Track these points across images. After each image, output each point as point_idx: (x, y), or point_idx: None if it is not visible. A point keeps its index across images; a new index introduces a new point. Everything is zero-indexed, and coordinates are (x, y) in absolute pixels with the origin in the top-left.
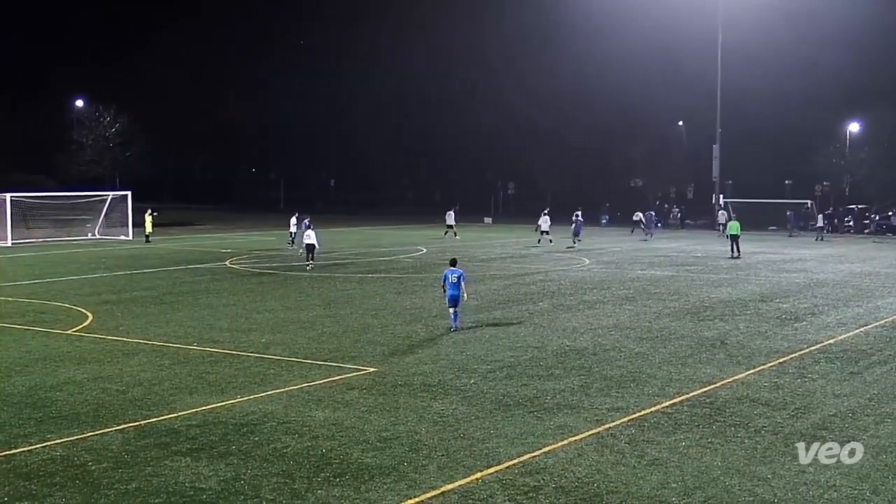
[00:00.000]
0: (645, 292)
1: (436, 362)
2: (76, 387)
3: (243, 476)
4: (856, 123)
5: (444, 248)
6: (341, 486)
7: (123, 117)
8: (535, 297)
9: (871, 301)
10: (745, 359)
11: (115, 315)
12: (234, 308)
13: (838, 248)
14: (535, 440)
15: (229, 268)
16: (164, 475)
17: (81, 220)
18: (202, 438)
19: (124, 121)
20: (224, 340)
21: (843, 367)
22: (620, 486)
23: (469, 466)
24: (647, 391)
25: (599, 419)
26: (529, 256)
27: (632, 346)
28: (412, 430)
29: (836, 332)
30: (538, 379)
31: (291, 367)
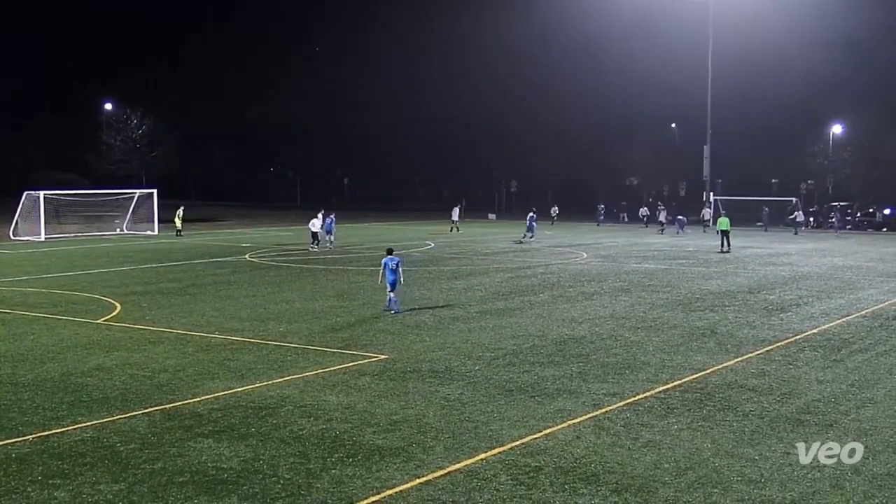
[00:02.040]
0: (640, 284)
1: (443, 350)
2: (105, 373)
3: (262, 456)
4: (838, 125)
5: (452, 243)
6: (354, 466)
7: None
8: (536, 289)
9: (852, 293)
10: (733, 347)
11: (141, 305)
12: (254, 299)
13: (822, 243)
14: (536, 423)
15: (249, 261)
16: (187, 455)
17: (110, 217)
18: (223, 421)
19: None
20: (244, 329)
21: (827, 355)
22: (616, 467)
23: (474, 448)
24: (641, 377)
25: (597, 403)
26: (531, 250)
27: (627, 335)
28: (420, 414)
29: (819, 322)
30: (539, 366)
31: (307, 354)
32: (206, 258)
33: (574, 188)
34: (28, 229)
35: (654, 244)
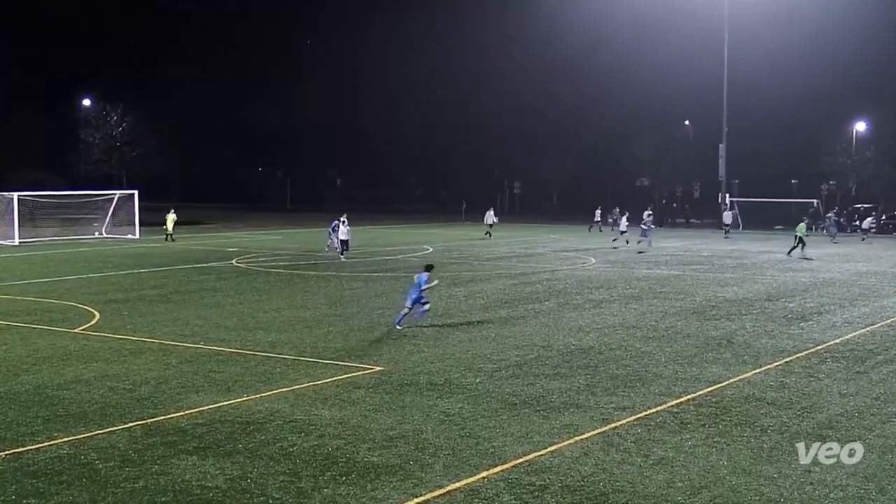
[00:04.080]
0: (651, 291)
1: (442, 361)
2: (83, 385)
3: (250, 475)
4: (862, 123)
5: (451, 247)
6: (347, 485)
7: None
8: (541, 297)
9: (877, 300)
10: (751, 358)
11: (122, 314)
12: (241, 307)
13: (844, 248)
14: (541, 439)
15: (236, 266)
16: (170, 474)
17: (89, 219)
18: (209, 437)
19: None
20: (231, 339)
21: (850, 367)
22: (626, 486)
23: (475, 465)
24: (653, 390)
25: (605, 418)
26: (535, 255)
27: (638, 345)
28: (418, 429)
29: (842, 331)
30: (544, 378)
31: (298, 365)
32: (191, 263)
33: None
34: (1, 233)
35: (666, 249)
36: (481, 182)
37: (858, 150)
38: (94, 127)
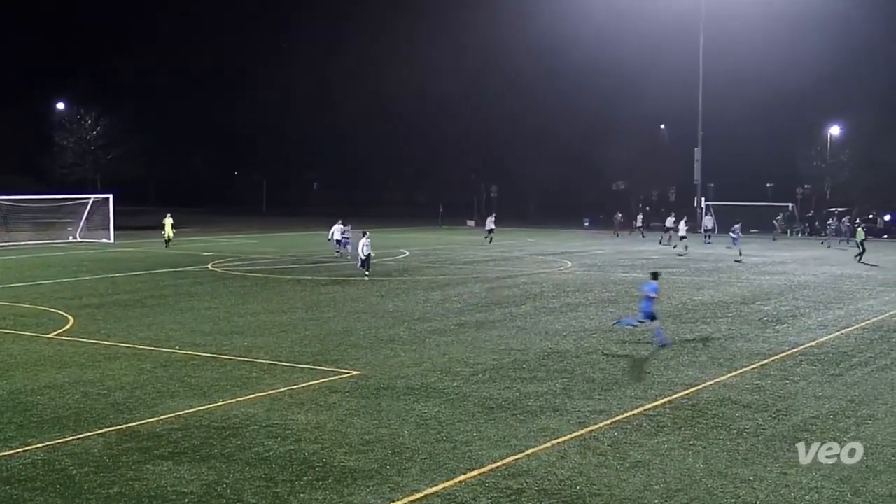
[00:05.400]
0: (627, 295)
1: (419, 365)
2: (57, 391)
3: (225, 480)
4: (836, 126)
5: (428, 251)
6: (324, 490)
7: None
8: (518, 300)
9: (851, 303)
10: (726, 361)
11: (96, 318)
12: (217, 311)
13: (819, 251)
14: (518, 443)
15: (212, 271)
16: (145, 479)
17: (63, 223)
18: (184, 442)
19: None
20: (206, 344)
21: (825, 370)
22: (603, 489)
23: (452, 469)
24: (629, 394)
25: (582, 422)
26: (512, 259)
27: (614, 348)
28: (395, 433)
29: (817, 334)
30: (521, 382)
31: (274, 370)
32: (166, 268)
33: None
34: None
35: (643, 252)
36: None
37: (833, 154)
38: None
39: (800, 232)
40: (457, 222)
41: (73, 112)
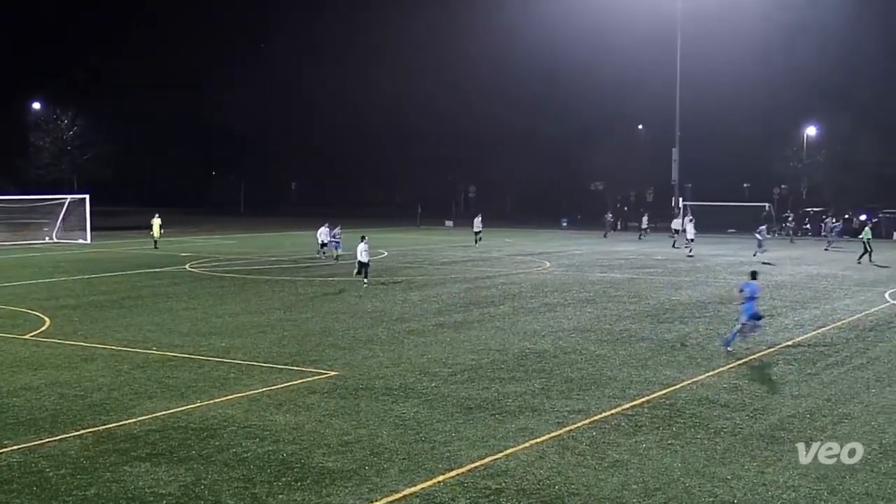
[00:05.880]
0: (605, 295)
1: (397, 365)
2: (33, 392)
3: (203, 481)
4: (813, 127)
5: (406, 251)
6: (302, 491)
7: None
8: (497, 300)
9: (828, 303)
10: (704, 360)
11: (73, 319)
12: (194, 312)
13: (796, 251)
14: (497, 443)
15: (189, 271)
16: (123, 481)
17: (38, 224)
18: (162, 444)
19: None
20: (184, 345)
21: (801, 369)
22: (581, 488)
23: (430, 469)
24: (607, 393)
25: (560, 421)
26: (490, 260)
27: (592, 348)
28: (374, 434)
29: (793, 333)
30: (499, 382)
31: (252, 371)
32: (143, 268)
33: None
34: None
35: (620, 253)
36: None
37: (809, 155)
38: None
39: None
40: (435, 223)
41: (49, 112)
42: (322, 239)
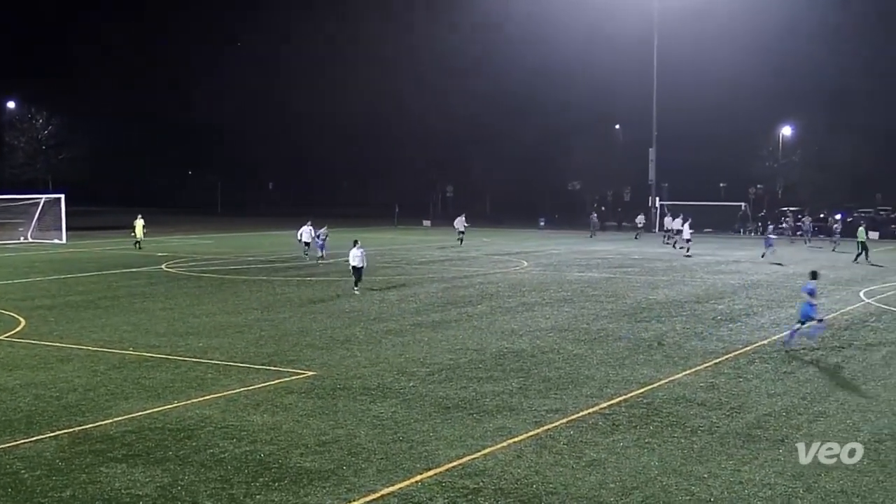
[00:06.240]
0: (583, 294)
1: (375, 365)
2: (8, 394)
3: (180, 482)
4: (788, 127)
5: (384, 251)
6: (280, 491)
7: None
8: (474, 300)
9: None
10: (681, 359)
11: (48, 320)
12: (171, 312)
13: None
14: (475, 442)
15: (166, 271)
16: (99, 482)
17: (13, 224)
18: (138, 444)
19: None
20: (161, 345)
21: (777, 367)
22: (559, 487)
23: (408, 469)
24: (585, 392)
25: (538, 421)
26: (468, 259)
27: (570, 347)
28: (351, 434)
29: (770, 332)
30: (477, 381)
31: (229, 371)
32: (120, 268)
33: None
34: None
35: (598, 252)
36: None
37: (785, 154)
38: (20, 130)
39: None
40: (413, 223)
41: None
42: (305, 238)
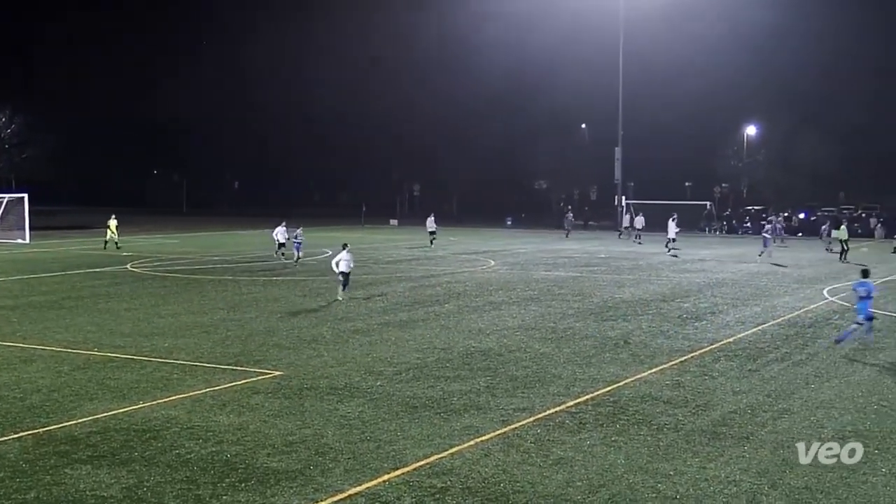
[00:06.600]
0: (549, 293)
1: (342, 365)
2: None
3: (146, 483)
4: (752, 127)
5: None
6: (246, 492)
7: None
8: (442, 299)
9: (768, 300)
10: (647, 358)
11: (11, 320)
12: (136, 312)
13: (737, 249)
14: (442, 441)
15: (131, 271)
16: (63, 484)
17: None
18: (103, 445)
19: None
20: (126, 345)
21: (742, 365)
22: (526, 486)
23: (376, 469)
24: (552, 391)
25: (505, 419)
26: (435, 258)
27: (537, 346)
28: (318, 434)
29: (735, 330)
30: (445, 380)
31: (195, 371)
32: (84, 268)
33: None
34: None
35: (564, 251)
36: (381, 185)
37: (749, 154)
38: None
39: (718, 230)
40: (380, 222)
41: None
42: (279, 239)
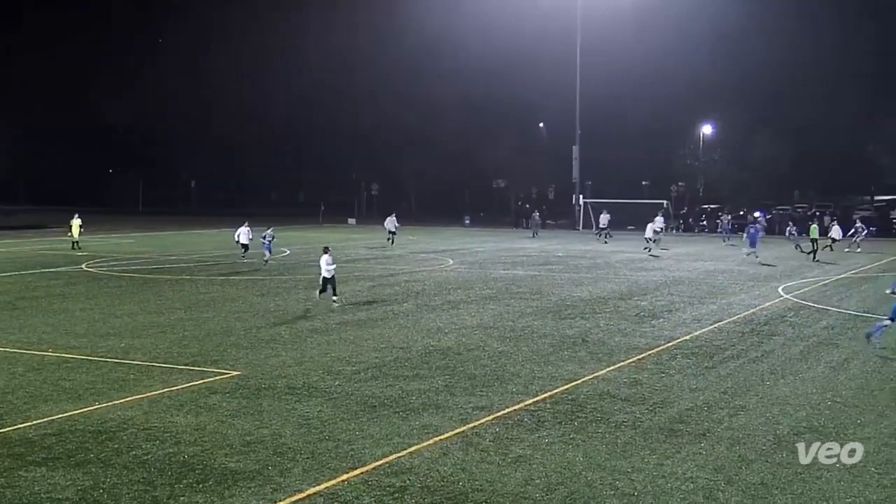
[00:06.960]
0: (508, 292)
1: (300, 364)
2: None
3: (102, 485)
4: (708, 125)
5: (309, 249)
6: (204, 493)
7: None
8: (400, 298)
9: (724, 298)
10: (605, 356)
11: None
12: (92, 312)
13: (693, 247)
14: (401, 440)
15: (86, 271)
16: (18, 486)
17: None
18: (58, 447)
19: None
20: (81, 346)
21: (699, 363)
22: (485, 484)
23: (334, 468)
24: (510, 389)
25: (464, 418)
26: (394, 257)
27: (495, 345)
28: (277, 434)
29: (691, 328)
30: (403, 379)
31: (152, 371)
32: (38, 268)
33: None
34: None
35: (522, 250)
36: (339, 184)
37: (706, 153)
38: None
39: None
40: (338, 221)
41: None
42: (242, 241)
